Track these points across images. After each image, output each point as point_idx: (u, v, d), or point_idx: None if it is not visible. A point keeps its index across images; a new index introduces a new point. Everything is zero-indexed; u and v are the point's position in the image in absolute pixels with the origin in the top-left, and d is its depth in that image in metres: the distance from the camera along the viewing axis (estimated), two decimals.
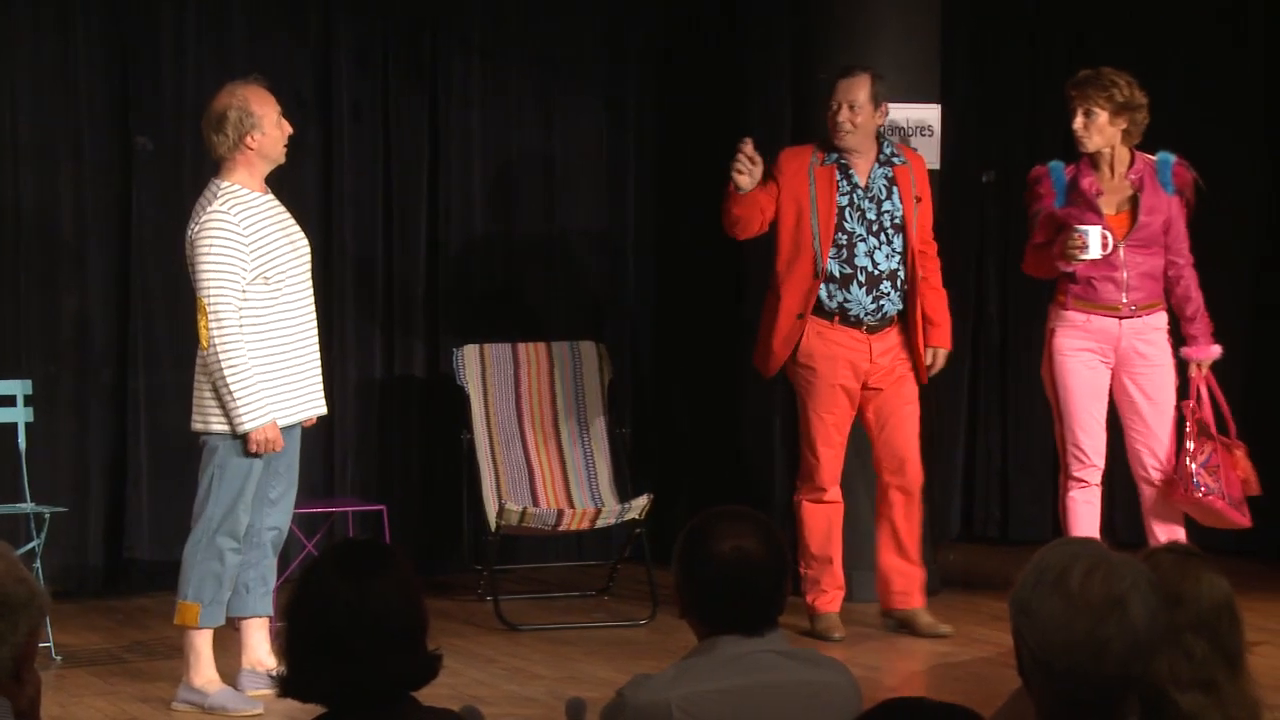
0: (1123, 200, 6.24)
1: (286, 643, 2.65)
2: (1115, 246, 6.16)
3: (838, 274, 6.42)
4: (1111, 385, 6.32)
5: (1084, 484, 6.29)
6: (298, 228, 5.78)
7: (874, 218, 6.45)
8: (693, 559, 3.07)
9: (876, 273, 6.43)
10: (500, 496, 7.05)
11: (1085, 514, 6.28)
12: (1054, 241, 6.23)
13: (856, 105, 6.41)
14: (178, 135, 7.38)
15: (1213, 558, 2.72)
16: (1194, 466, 6.16)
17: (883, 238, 6.44)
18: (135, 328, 7.34)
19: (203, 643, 5.66)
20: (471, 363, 7.28)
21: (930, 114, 7.10)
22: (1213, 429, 6.26)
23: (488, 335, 7.48)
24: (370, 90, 7.69)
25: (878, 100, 6.45)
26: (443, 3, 7.83)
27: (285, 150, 5.73)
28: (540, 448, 7.28)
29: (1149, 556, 2.72)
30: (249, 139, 5.58)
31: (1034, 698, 2.46)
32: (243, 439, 5.56)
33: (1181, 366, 6.35)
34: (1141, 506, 6.40)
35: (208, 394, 5.60)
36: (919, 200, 6.51)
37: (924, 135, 7.07)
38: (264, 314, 5.57)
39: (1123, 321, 6.26)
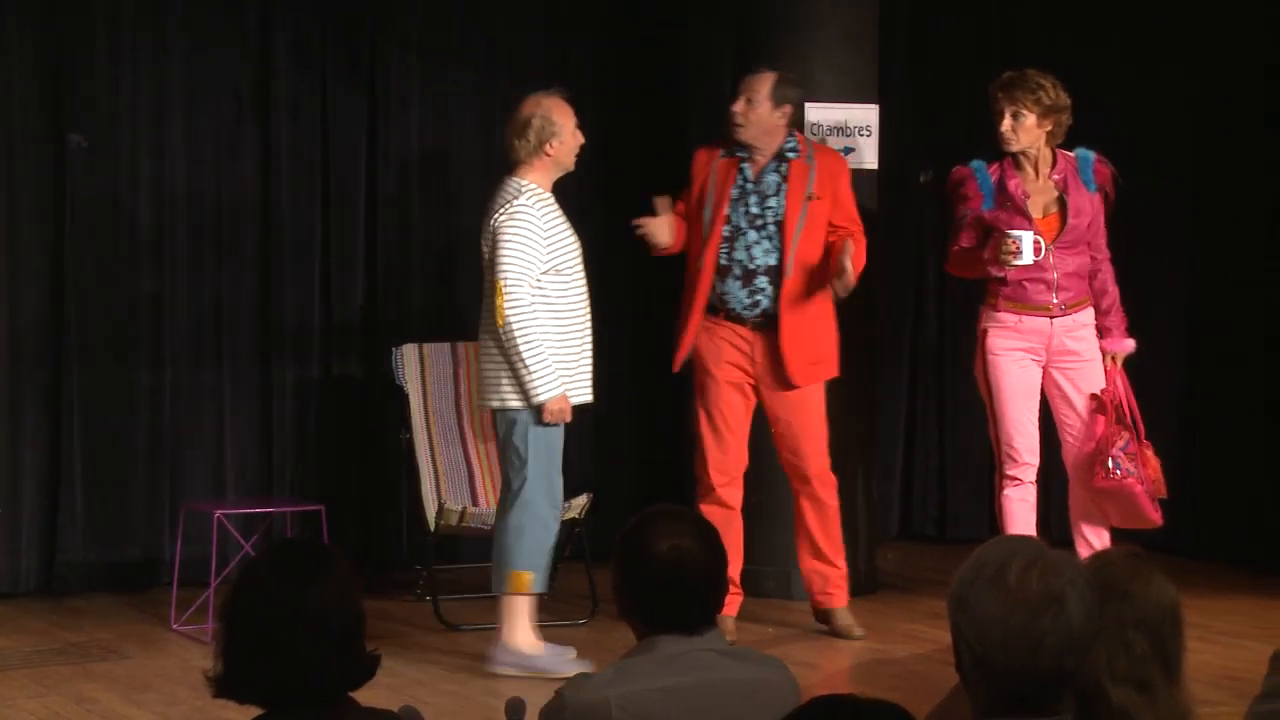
0: (1050, 202, 6.29)
1: (223, 643, 2.64)
2: (1046, 251, 6.21)
3: (718, 266, 6.46)
4: (1043, 381, 6.37)
5: (1018, 482, 6.33)
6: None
7: (758, 212, 6.46)
8: (631, 559, 3.07)
9: (752, 267, 6.45)
10: (440, 496, 7.03)
11: (1020, 512, 6.32)
12: (983, 244, 6.26)
13: (754, 100, 6.42)
14: (113, 132, 7.32)
15: (1163, 559, 2.74)
16: (1113, 450, 6.21)
17: (764, 233, 6.46)
18: (70, 328, 7.28)
19: (527, 607, 6.00)
20: (410, 362, 7.25)
21: (869, 114, 7.12)
22: (1127, 420, 6.31)
23: (426, 334, 7.45)
24: (309, 88, 7.65)
25: (779, 100, 6.42)
26: (382, 1, 7.81)
27: (576, 159, 6.10)
28: (480, 447, 7.26)
29: (1100, 556, 2.75)
30: (548, 146, 6.01)
31: (971, 693, 2.47)
32: (537, 410, 5.91)
33: None
34: (1070, 505, 6.45)
35: (504, 371, 5.96)
36: (816, 198, 6.44)
37: (863, 135, 7.08)
38: (559, 302, 6.00)
39: (1054, 321, 6.31)
